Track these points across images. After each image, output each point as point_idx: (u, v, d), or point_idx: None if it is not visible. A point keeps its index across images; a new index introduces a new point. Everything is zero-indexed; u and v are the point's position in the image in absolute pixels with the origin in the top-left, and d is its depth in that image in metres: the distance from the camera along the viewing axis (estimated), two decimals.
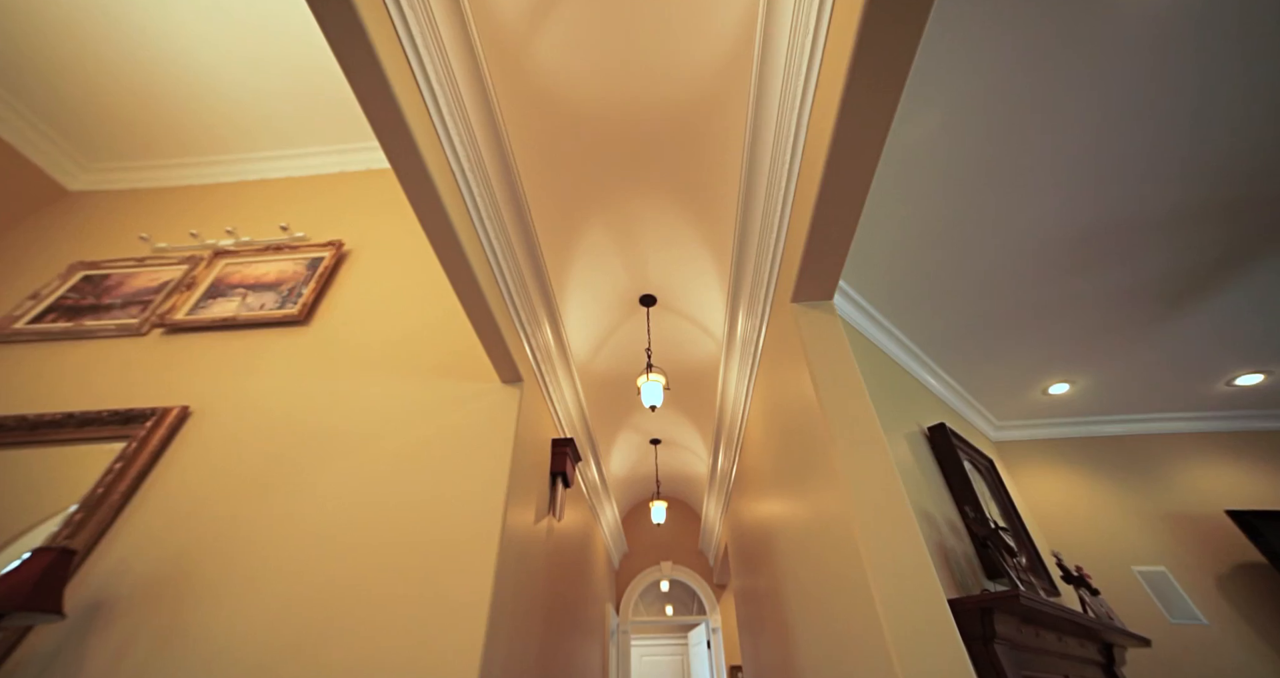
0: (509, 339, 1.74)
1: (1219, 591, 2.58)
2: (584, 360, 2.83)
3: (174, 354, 1.98)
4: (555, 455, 2.28)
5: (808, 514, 1.55)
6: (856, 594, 1.16)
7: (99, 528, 1.49)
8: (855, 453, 1.29)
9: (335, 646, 1.29)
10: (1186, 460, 3.03)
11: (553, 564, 2.28)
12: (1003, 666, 1.25)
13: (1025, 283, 2.23)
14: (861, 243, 2.07)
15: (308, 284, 2.18)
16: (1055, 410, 3.16)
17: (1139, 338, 2.53)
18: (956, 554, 1.73)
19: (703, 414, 3.50)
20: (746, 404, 2.50)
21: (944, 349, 2.63)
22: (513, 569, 1.64)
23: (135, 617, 1.35)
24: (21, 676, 1.25)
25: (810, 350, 1.50)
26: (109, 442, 1.69)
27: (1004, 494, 2.49)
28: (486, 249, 1.67)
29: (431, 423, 1.74)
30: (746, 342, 2.20)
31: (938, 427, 2.24)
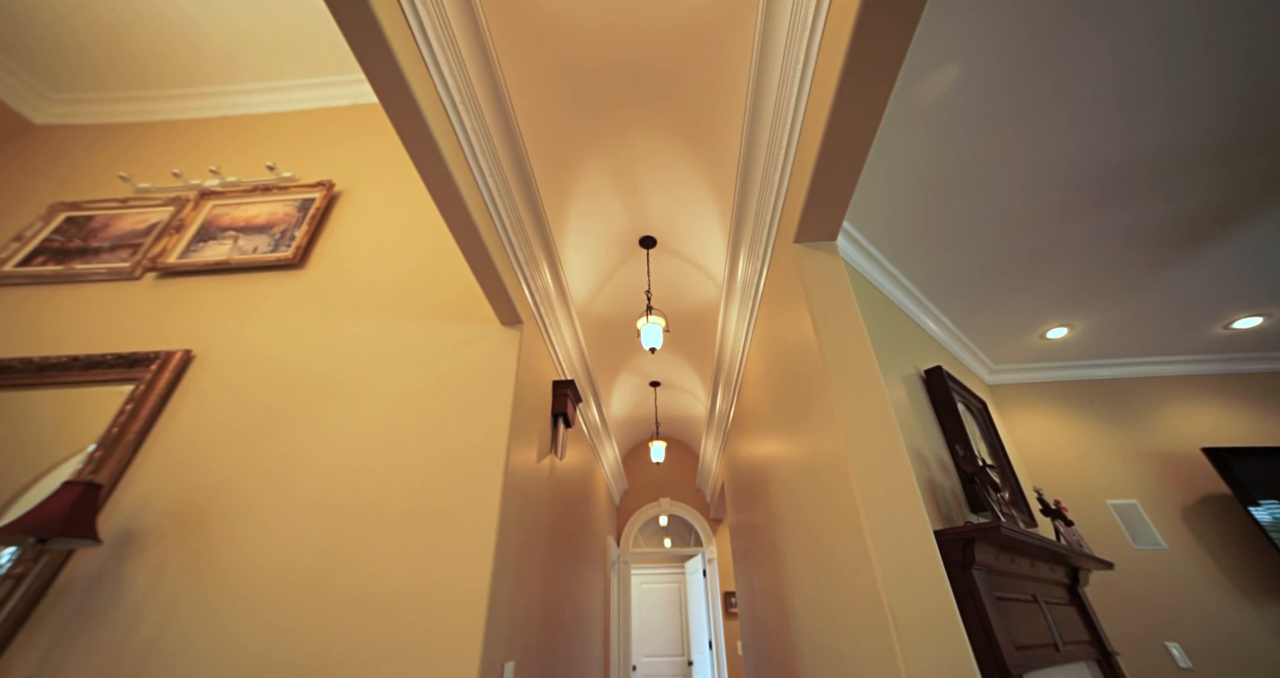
0: (507, 281, 1.73)
1: (1182, 520, 2.76)
2: (583, 303, 2.82)
3: (170, 298, 1.97)
4: (556, 397, 2.33)
5: (804, 452, 1.61)
6: (847, 527, 1.23)
7: (119, 465, 1.55)
8: (853, 394, 1.31)
9: (351, 572, 1.38)
10: (1172, 402, 3.11)
11: (556, 500, 2.39)
12: (978, 588, 1.34)
13: (1032, 224, 2.18)
14: (867, 183, 2.01)
15: (300, 227, 2.13)
16: (1050, 355, 3.20)
17: (1142, 281, 2.52)
18: (944, 490, 1.80)
19: (702, 357, 3.54)
20: (746, 346, 2.52)
21: (945, 293, 2.62)
22: (517, 504, 1.72)
23: (166, 544, 1.44)
24: (72, 591, 1.36)
25: (811, 292, 1.49)
26: (116, 384, 1.72)
27: (994, 434, 2.57)
28: (482, 189, 1.61)
29: (433, 365, 1.76)
30: (747, 283, 2.18)
31: (934, 370, 2.27)
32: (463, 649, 1.27)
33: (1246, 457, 2.68)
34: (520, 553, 1.72)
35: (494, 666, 1.38)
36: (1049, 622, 1.74)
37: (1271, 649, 2.39)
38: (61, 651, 1.28)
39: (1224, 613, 2.50)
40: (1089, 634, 2.07)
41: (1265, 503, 2.56)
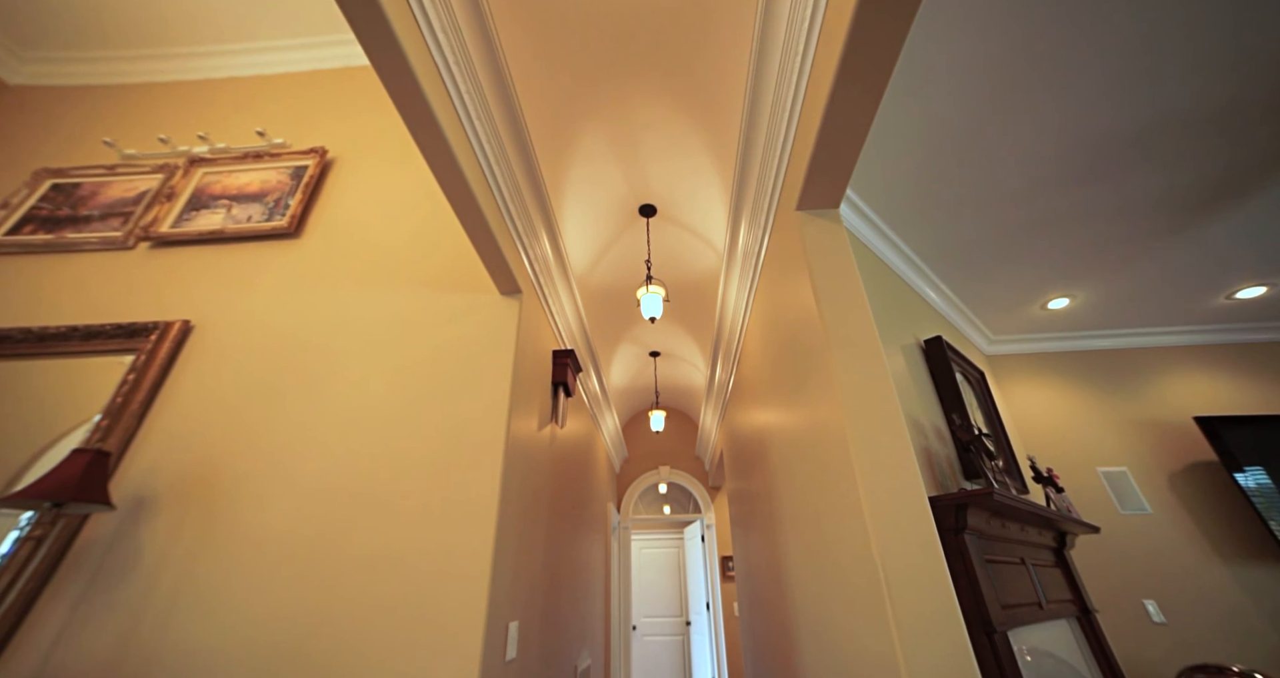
0: (506, 251, 1.71)
1: (1168, 486, 2.83)
2: (583, 272, 2.80)
3: (165, 268, 1.95)
4: (556, 366, 2.34)
5: (802, 421, 1.63)
6: (844, 494, 1.25)
7: (126, 434, 1.57)
8: (853, 363, 1.32)
9: (357, 537, 1.42)
10: (1168, 372, 3.13)
11: (557, 467, 2.43)
12: (969, 551, 1.39)
13: (1037, 193, 2.15)
14: (871, 150, 1.96)
15: (294, 195, 2.09)
16: (1050, 325, 3.20)
17: (1147, 251, 2.50)
18: (940, 458, 1.84)
19: (702, 327, 3.54)
20: (746, 316, 2.51)
21: (948, 263, 2.60)
22: (519, 471, 1.75)
23: (177, 510, 1.47)
24: (91, 553, 1.41)
25: (813, 260, 1.48)
26: (116, 354, 1.72)
27: (990, 404, 2.60)
28: (479, 155, 1.58)
29: (432, 335, 1.76)
30: (748, 252, 2.16)
31: (934, 340, 2.28)
32: (468, 609, 1.32)
33: (1237, 425, 2.73)
34: (522, 519, 1.77)
35: (499, 625, 1.43)
36: (1034, 582, 1.81)
37: (1240, 605, 2.50)
38: (86, 608, 1.33)
39: (1199, 573, 2.60)
40: (1071, 593, 2.15)
41: (1250, 470, 2.62)
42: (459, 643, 1.28)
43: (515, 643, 1.57)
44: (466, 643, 1.28)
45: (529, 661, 1.76)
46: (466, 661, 1.26)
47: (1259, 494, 2.57)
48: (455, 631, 1.29)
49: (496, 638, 1.40)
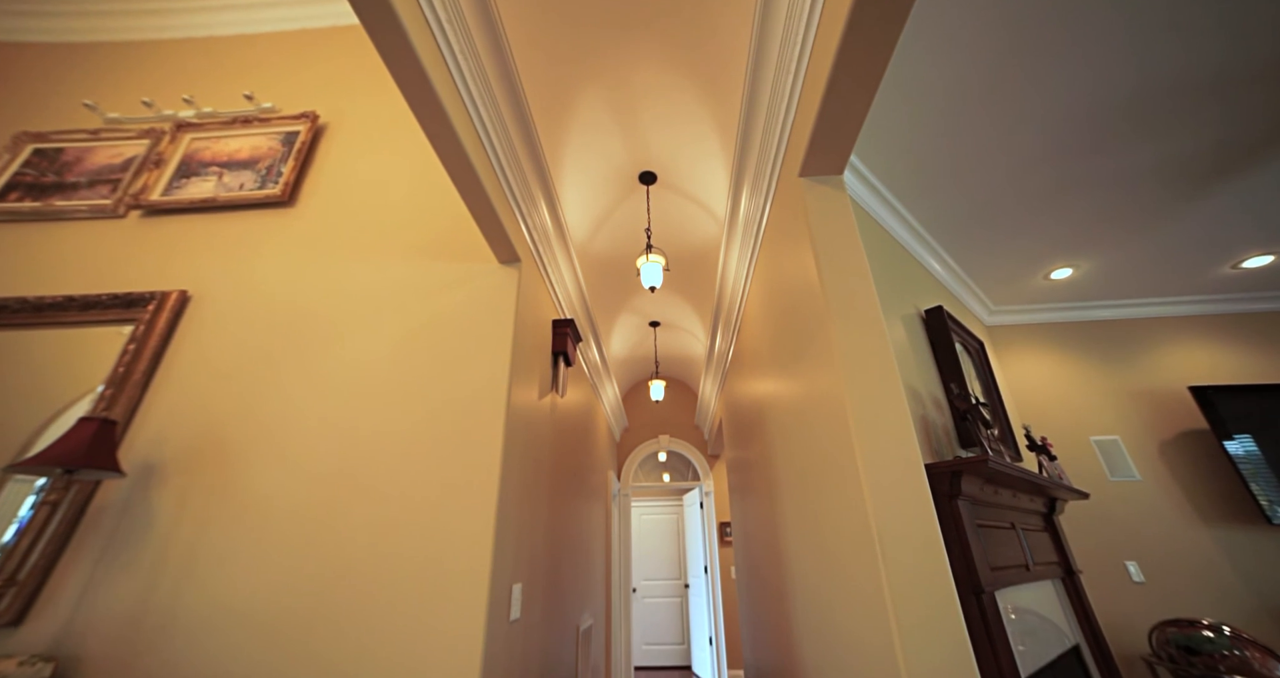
0: (504, 219, 1.68)
1: (1158, 454, 2.89)
2: (582, 241, 2.76)
3: (158, 237, 1.92)
4: (556, 336, 2.34)
5: (801, 391, 1.64)
6: (842, 462, 1.27)
7: (130, 403, 1.58)
8: (853, 333, 1.31)
9: (362, 503, 1.45)
10: (1167, 343, 3.14)
11: (558, 436, 2.46)
12: (962, 517, 1.42)
13: (1046, 161, 2.10)
14: (876, 116, 1.91)
15: (286, 162, 2.04)
16: (1052, 296, 3.19)
17: (1155, 219, 2.46)
18: (936, 426, 1.86)
19: (702, 297, 3.52)
20: (746, 285, 2.50)
21: (952, 232, 2.56)
22: (520, 439, 1.77)
23: (186, 477, 1.50)
24: (105, 517, 1.45)
25: (815, 228, 1.46)
26: (114, 324, 1.72)
27: (988, 374, 2.61)
28: (475, 120, 1.53)
29: (431, 304, 1.75)
30: (749, 220, 2.13)
31: (935, 310, 2.27)
32: (472, 572, 1.36)
33: (1230, 394, 2.76)
34: (524, 485, 1.80)
35: (502, 587, 1.48)
36: (1023, 546, 1.86)
37: (1216, 565, 2.60)
38: (104, 569, 1.38)
39: (1180, 535, 2.69)
40: (1057, 556, 2.22)
41: (1239, 437, 2.66)
42: (464, 604, 1.32)
43: (519, 604, 1.62)
44: (471, 604, 1.32)
45: (532, 621, 1.82)
46: (472, 621, 1.30)
47: (1245, 461, 2.62)
48: (460, 592, 1.34)
49: (500, 599, 1.45)
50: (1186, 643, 2.13)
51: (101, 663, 1.28)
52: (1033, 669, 1.58)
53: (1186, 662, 2.10)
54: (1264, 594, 2.51)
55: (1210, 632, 2.11)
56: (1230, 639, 2.06)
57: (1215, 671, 2.01)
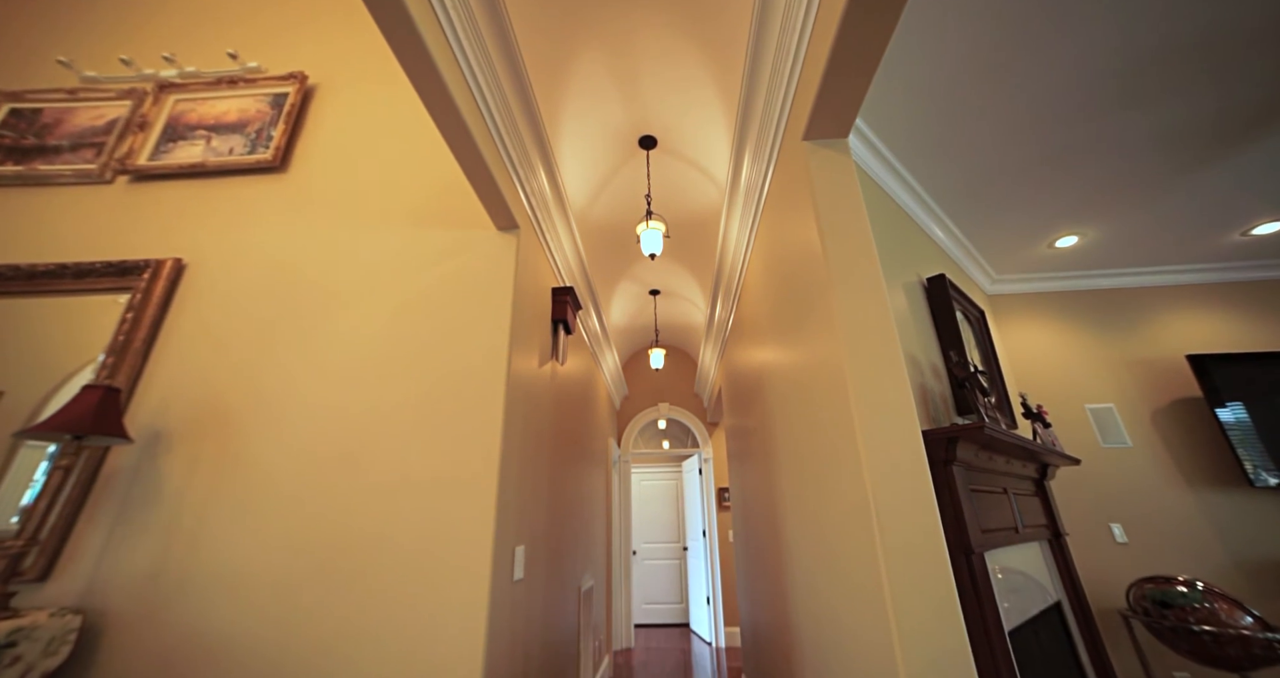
0: (502, 184, 1.64)
1: (1150, 421, 2.93)
2: (581, 207, 2.72)
3: (148, 204, 1.89)
4: (556, 304, 2.33)
5: (801, 359, 1.64)
6: (840, 428, 1.29)
7: (132, 372, 1.59)
8: (854, 300, 1.31)
9: (366, 470, 1.48)
10: (1168, 311, 3.14)
11: (559, 403, 2.49)
12: (956, 482, 1.45)
13: (1059, 123, 2.04)
14: (883, 78, 1.84)
15: (276, 125, 1.99)
16: (1055, 264, 3.16)
17: (1163, 186, 2.41)
18: (934, 394, 1.87)
19: (702, 265, 3.49)
20: (747, 253, 2.47)
21: (957, 198, 2.52)
22: (521, 406, 1.79)
23: (193, 444, 1.52)
24: (117, 482, 1.49)
25: (818, 193, 1.43)
26: (110, 293, 1.71)
27: (988, 342, 2.62)
28: (470, 82, 1.47)
29: (430, 271, 1.74)
30: (751, 186, 2.08)
31: (937, 278, 2.25)
32: (477, 534, 1.40)
33: (1226, 362, 2.78)
34: (525, 451, 1.83)
35: (506, 549, 1.53)
36: (1014, 510, 1.91)
37: (1196, 526, 2.68)
38: (121, 530, 1.42)
39: (1164, 498, 2.76)
40: (1046, 519, 2.28)
41: (1231, 404, 2.70)
42: (470, 564, 1.37)
43: (522, 565, 1.68)
44: (476, 564, 1.37)
45: (535, 581, 1.89)
46: (477, 580, 1.35)
47: (1235, 428, 2.66)
48: (466, 553, 1.38)
49: (504, 560, 1.50)
50: (1162, 598, 2.23)
51: (126, 616, 1.33)
52: (1016, 624, 1.65)
53: (1160, 615, 2.20)
54: (1236, 551, 2.60)
55: (1184, 587, 2.20)
56: (1203, 594, 2.15)
57: (1186, 622, 2.10)
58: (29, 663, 1.13)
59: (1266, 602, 2.49)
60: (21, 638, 1.11)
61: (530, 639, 1.79)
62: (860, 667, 1.20)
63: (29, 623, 1.14)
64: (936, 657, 0.99)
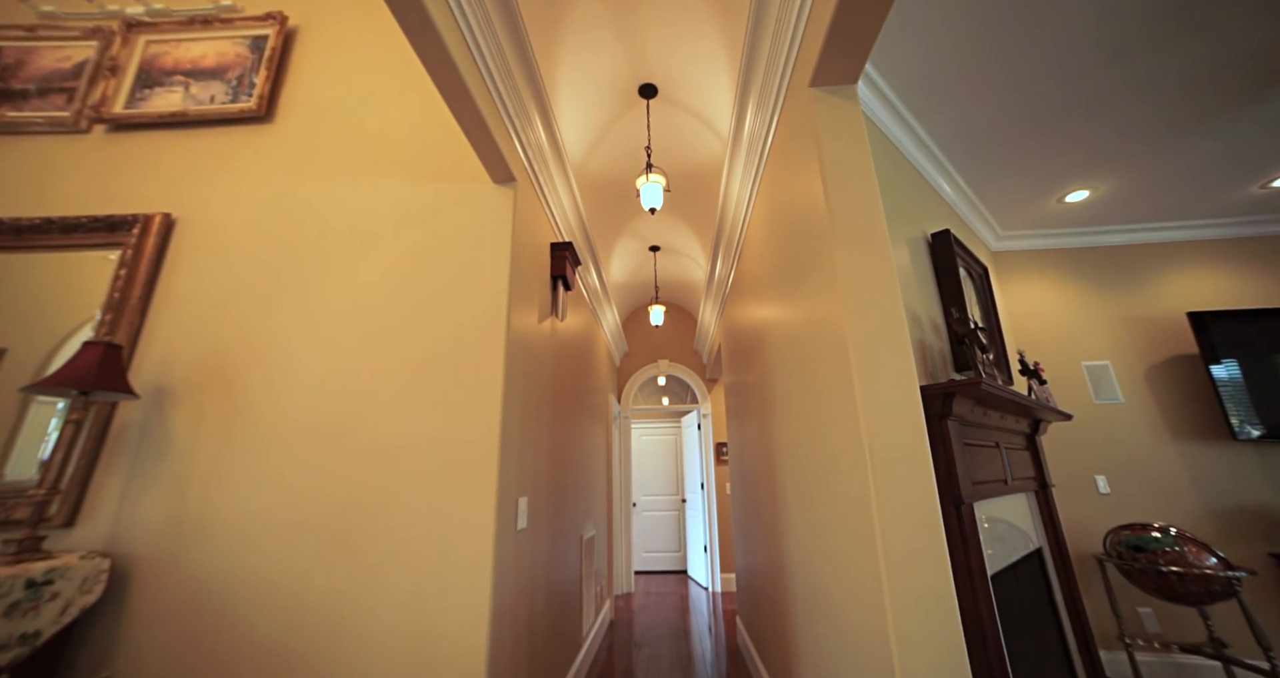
0: (497, 135, 1.58)
1: (1144, 378, 2.97)
2: (579, 160, 2.63)
3: (128, 155, 1.82)
4: (555, 259, 2.30)
5: (802, 315, 1.64)
6: (839, 384, 1.30)
7: (131, 329, 1.59)
8: (857, 257, 1.28)
9: (370, 424, 1.51)
10: (1172, 268, 3.10)
11: (559, 359, 2.50)
12: (950, 436, 1.48)
13: (1076, 71, 1.94)
14: (895, 21, 1.74)
15: (257, 71, 1.89)
16: (1062, 221, 3.10)
17: (1184, 135, 2.32)
18: (933, 350, 1.88)
19: (702, 220, 3.42)
20: (749, 207, 2.42)
21: (967, 150, 2.43)
22: (521, 361, 1.80)
23: (198, 400, 1.54)
24: (128, 435, 1.53)
25: (824, 143, 1.38)
26: (99, 249, 1.68)
27: (989, 299, 2.60)
28: (460, 23, 1.38)
29: (426, 226, 1.70)
30: (754, 137, 2.01)
31: (942, 233, 2.21)
32: (480, 486, 1.44)
33: (1225, 319, 2.79)
34: (526, 406, 1.85)
35: (509, 500, 1.57)
36: (1005, 463, 1.96)
37: (1176, 477, 2.78)
38: (137, 482, 1.47)
39: (1149, 452, 2.84)
40: (1035, 472, 2.35)
41: (1226, 361, 2.72)
42: (475, 515, 1.42)
43: (525, 515, 1.74)
44: (481, 514, 1.42)
45: (538, 530, 1.96)
46: (482, 530, 1.40)
47: (1227, 384, 2.70)
48: (471, 504, 1.42)
49: (508, 511, 1.55)
50: (1136, 543, 2.34)
51: (150, 560, 1.40)
52: (998, 568, 1.73)
53: (1133, 558, 2.32)
54: (1210, 500, 2.71)
55: (1158, 533, 2.32)
56: (1174, 538, 2.26)
57: (1156, 565, 2.22)
58: (68, 599, 1.22)
59: (1231, 544, 2.63)
60: (57, 576, 1.20)
61: (535, 583, 1.89)
62: (850, 606, 1.27)
63: (61, 564, 1.22)
64: (922, 598, 1.04)
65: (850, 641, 1.27)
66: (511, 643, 1.56)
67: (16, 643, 1.09)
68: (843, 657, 1.32)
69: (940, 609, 1.04)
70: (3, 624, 1.07)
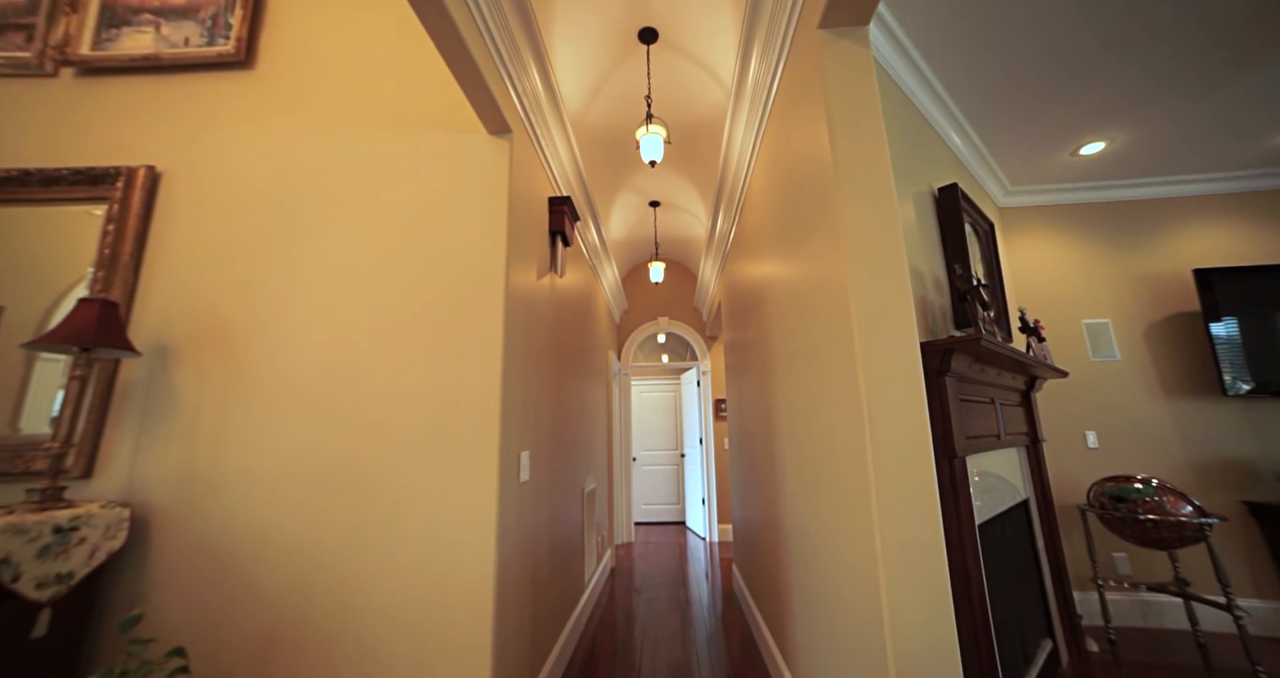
0: (491, 83, 1.51)
1: (1143, 335, 2.98)
2: (577, 110, 2.53)
3: (101, 102, 1.75)
4: (553, 214, 2.25)
5: (803, 271, 1.62)
6: (840, 341, 1.30)
7: (126, 286, 1.57)
8: (862, 213, 1.26)
9: (372, 380, 1.52)
10: (1181, 224, 3.05)
11: (558, 316, 2.50)
12: (947, 392, 1.50)
13: (1100, 13, 1.83)
14: None
15: (232, 11, 1.78)
16: (1075, 175, 3.01)
17: (1213, 83, 2.21)
18: (934, 307, 1.88)
19: (704, 174, 3.33)
20: (752, 160, 2.34)
21: (982, 100, 2.33)
22: (521, 319, 1.80)
23: (200, 357, 1.55)
24: (134, 392, 1.55)
25: (832, 92, 1.32)
26: (83, 203, 1.64)
27: (993, 256, 2.57)
28: None
29: (420, 180, 1.66)
30: (759, 85, 1.92)
31: (949, 188, 2.16)
32: (483, 440, 1.47)
33: (1230, 276, 2.77)
34: (526, 362, 1.87)
35: (511, 454, 1.61)
36: (999, 419, 2.00)
37: (1163, 432, 2.85)
38: (147, 437, 1.50)
39: (1140, 408, 2.90)
40: (1027, 427, 2.40)
41: (1226, 319, 2.73)
42: (478, 467, 1.46)
43: (527, 468, 1.79)
44: (485, 467, 1.45)
45: (541, 483, 2.02)
46: (486, 482, 1.45)
47: (1225, 342, 2.72)
48: (474, 457, 1.46)
49: (510, 464, 1.59)
50: (1119, 494, 2.43)
51: (167, 511, 1.45)
52: (985, 518, 1.80)
53: (1114, 508, 2.41)
54: (1192, 452, 2.80)
55: (1140, 484, 2.40)
56: (1155, 489, 2.35)
57: (1135, 513, 2.32)
58: (94, 544, 1.29)
59: (1209, 493, 2.74)
60: (82, 523, 1.26)
61: (538, 533, 1.96)
62: (843, 552, 1.32)
63: (84, 512, 1.27)
64: (912, 546, 1.09)
65: (842, 583, 1.33)
66: (516, 586, 1.64)
67: (54, 582, 1.17)
68: (833, 597, 1.40)
69: (929, 557, 1.08)
70: (38, 565, 1.14)
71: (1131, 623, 2.68)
